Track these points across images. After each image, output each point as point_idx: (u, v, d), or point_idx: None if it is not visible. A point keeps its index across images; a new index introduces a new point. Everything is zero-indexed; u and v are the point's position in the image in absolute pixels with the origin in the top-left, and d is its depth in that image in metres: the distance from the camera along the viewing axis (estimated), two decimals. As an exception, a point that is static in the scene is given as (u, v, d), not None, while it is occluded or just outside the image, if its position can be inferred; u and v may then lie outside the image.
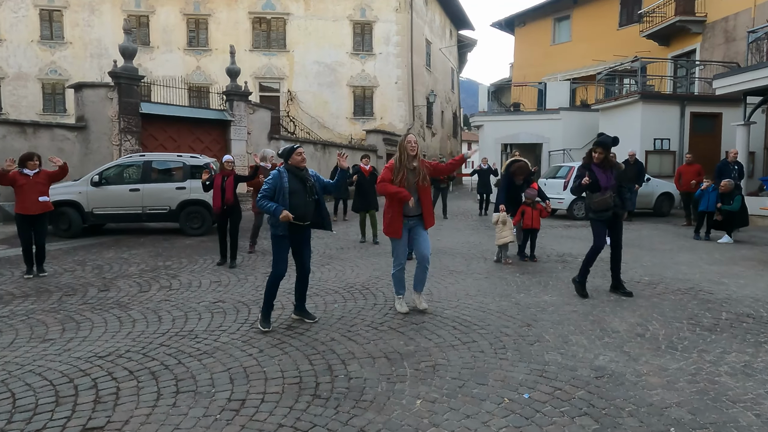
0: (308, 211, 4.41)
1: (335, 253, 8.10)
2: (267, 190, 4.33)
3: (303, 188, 4.35)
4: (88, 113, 12.33)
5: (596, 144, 5.43)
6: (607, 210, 5.33)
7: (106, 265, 7.21)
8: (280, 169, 4.43)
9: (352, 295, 5.57)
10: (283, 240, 4.42)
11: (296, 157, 4.41)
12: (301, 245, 4.56)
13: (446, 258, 7.66)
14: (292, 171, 4.39)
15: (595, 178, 5.34)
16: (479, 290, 5.71)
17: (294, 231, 4.43)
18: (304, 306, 4.76)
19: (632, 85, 19.50)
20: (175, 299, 5.43)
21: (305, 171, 4.46)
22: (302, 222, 4.42)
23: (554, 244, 8.88)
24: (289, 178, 4.36)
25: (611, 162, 5.41)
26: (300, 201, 4.32)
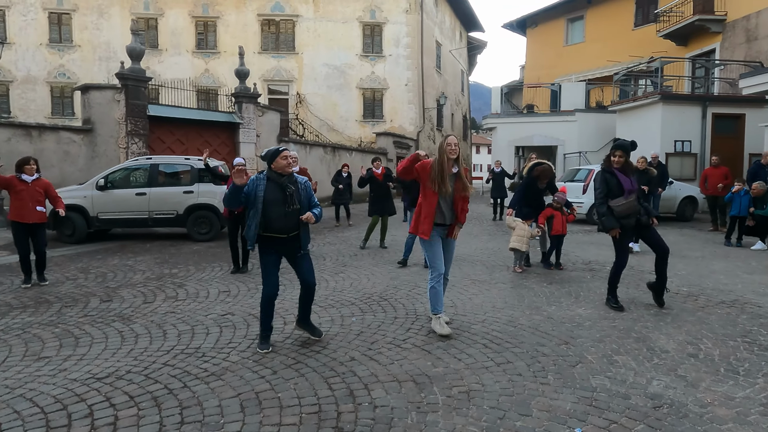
0: (290, 222, 3.89)
1: (348, 261, 7.73)
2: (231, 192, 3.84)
3: (281, 197, 3.84)
4: (95, 115, 12.08)
5: (615, 147, 5.07)
6: (630, 216, 4.98)
7: (110, 273, 6.88)
8: (258, 175, 3.95)
9: (370, 307, 5.20)
10: (266, 257, 3.95)
11: (281, 161, 3.87)
12: (294, 258, 4.06)
13: (466, 266, 7.26)
14: (273, 177, 3.89)
15: (617, 182, 4.99)
16: (506, 302, 5.32)
17: (279, 245, 3.95)
18: (308, 320, 4.31)
19: (648, 85, 19.06)
20: (181, 311, 5.08)
21: (288, 178, 3.93)
22: (283, 234, 3.91)
23: (577, 251, 8.46)
24: (267, 185, 3.87)
25: (631, 167, 5.11)
26: (277, 212, 3.83)
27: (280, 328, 4.52)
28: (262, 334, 4.04)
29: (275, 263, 4.00)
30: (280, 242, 3.94)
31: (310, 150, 17.83)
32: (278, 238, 3.91)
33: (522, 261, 6.94)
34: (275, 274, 4.01)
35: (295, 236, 3.97)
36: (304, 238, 4.04)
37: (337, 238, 10.16)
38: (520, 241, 6.74)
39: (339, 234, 10.87)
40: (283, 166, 3.91)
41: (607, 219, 5.02)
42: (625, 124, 16.01)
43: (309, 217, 3.89)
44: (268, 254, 3.96)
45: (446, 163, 4.22)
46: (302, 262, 4.08)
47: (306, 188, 4.08)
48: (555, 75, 24.11)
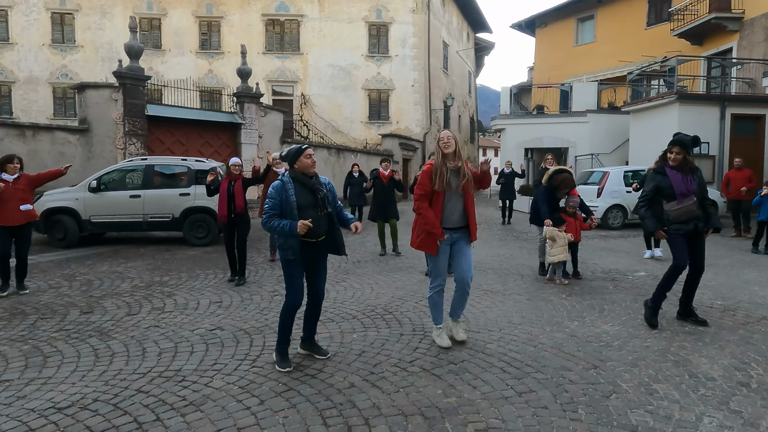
0: (321, 226, 3.61)
1: (351, 268, 7.27)
2: (273, 207, 3.51)
3: (314, 200, 3.55)
4: (91, 115, 11.70)
5: (673, 143, 4.51)
6: (688, 221, 4.43)
7: (96, 281, 6.45)
8: (283, 179, 3.58)
9: (373, 321, 4.72)
10: (294, 263, 3.59)
11: (305, 160, 3.56)
12: (315, 266, 3.76)
13: (477, 274, 6.76)
14: (299, 179, 3.57)
15: (669, 183, 4.44)
16: (523, 316, 4.83)
17: (306, 250, 3.62)
18: (314, 339, 3.95)
19: (661, 86, 18.50)
20: (167, 325, 4.63)
21: (315, 178, 3.64)
22: (316, 239, 3.62)
23: (595, 259, 7.95)
24: (296, 188, 3.55)
25: (691, 165, 4.49)
26: (311, 217, 3.50)
27: (272, 345, 4.06)
28: (280, 349, 3.68)
29: (302, 272, 3.68)
30: (309, 248, 3.64)
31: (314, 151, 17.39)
32: (310, 243, 3.63)
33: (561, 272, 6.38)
34: (302, 285, 3.67)
35: (321, 242, 3.69)
36: (340, 241, 3.77)
37: (340, 243, 9.69)
38: (564, 251, 6.23)
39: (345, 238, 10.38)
40: (308, 166, 3.58)
41: (649, 220, 4.55)
42: (640, 126, 15.47)
43: (359, 227, 3.67)
44: (296, 262, 3.60)
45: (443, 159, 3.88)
46: (321, 270, 3.81)
47: (331, 190, 3.76)
48: (565, 76, 23.57)
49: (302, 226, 3.38)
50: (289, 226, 3.43)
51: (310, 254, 3.67)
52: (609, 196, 11.77)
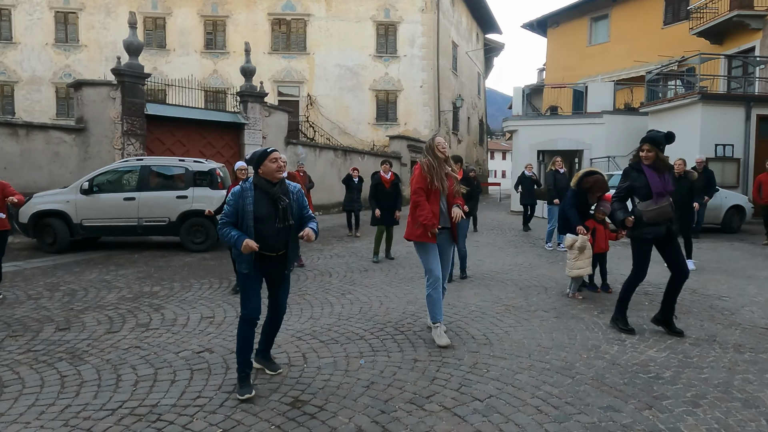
0: (279, 240, 3.29)
1: (358, 278, 6.70)
2: (228, 215, 3.24)
3: (274, 211, 3.22)
4: (88, 114, 11.23)
5: (643, 140, 4.22)
6: (660, 223, 4.13)
7: (80, 291, 5.93)
8: (244, 184, 3.26)
9: (383, 343, 4.16)
10: (249, 277, 3.31)
11: (270, 164, 3.22)
12: (275, 280, 3.46)
13: (497, 287, 6.19)
14: (262, 186, 3.23)
15: (645, 182, 4.12)
16: (554, 339, 4.24)
17: (263, 264, 3.32)
18: (268, 353, 3.64)
19: (679, 86, 17.84)
20: (149, 346, 4.09)
21: (280, 185, 3.28)
22: (273, 253, 3.30)
23: (622, 269, 7.32)
24: (256, 196, 3.23)
25: (665, 163, 4.20)
26: (269, 229, 3.22)
27: (267, 376, 3.50)
28: (240, 372, 3.27)
29: (258, 285, 3.38)
30: (268, 262, 3.33)
31: (319, 153, 16.88)
32: (267, 257, 3.30)
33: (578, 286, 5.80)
34: (258, 297, 3.35)
35: (283, 255, 3.37)
36: (292, 256, 3.43)
37: (346, 250, 9.15)
38: (589, 264, 5.65)
39: (348, 245, 9.86)
40: (273, 171, 3.25)
41: (620, 211, 4.28)
42: (659, 126, 14.73)
43: (309, 236, 3.26)
44: (251, 276, 3.31)
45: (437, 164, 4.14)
46: (283, 283, 3.49)
47: (299, 198, 3.42)
48: (578, 76, 22.94)
49: (247, 247, 3.10)
50: (236, 239, 3.15)
51: (268, 269, 3.36)
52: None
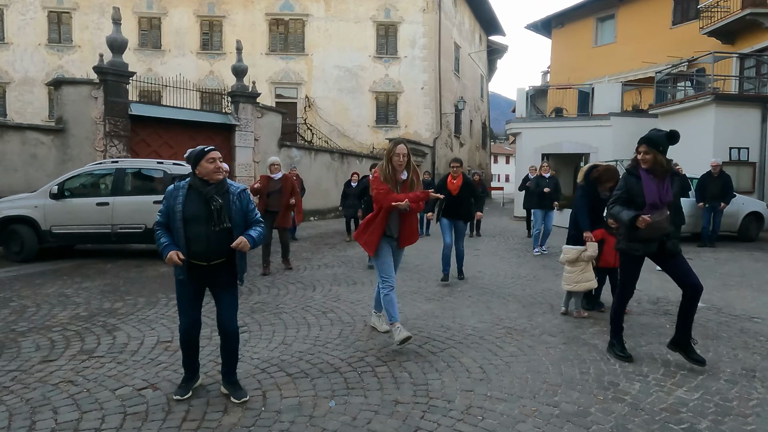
0: (213, 246, 3.00)
1: (344, 293, 6.06)
2: (161, 213, 3.05)
3: (205, 213, 2.97)
4: (68, 114, 10.66)
5: (640, 141, 3.65)
6: (652, 240, 3.57)
7: (32, 307, 5.32)
8: (177, 184, 3.06)
9: (360, 377, 3.52)
10: (182, 284, 3.07)
11: (207, 164, 3.00)
12: (216, 292, 3.14)
13: (497, 304, 5.54)
14: (197, 186, 3.01)
15: (640, 190, 3.60)
16: (563, 373, 3.59)
17: (196, 274, 3.04)
18: (232, 378, 3.22)
19: (688, 87, 17.19)
20: (85, 380, 3.46)
21: (216, 187, 3.02)
22: (204, 261, 3.01)
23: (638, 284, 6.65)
24: (188, 197, 3.01)
25: (664, 167, 3.61)
26: (199, 232, 2.97)
27: (219, 417, 2.87)
28: (185, 373, 3.26)
29: (194, 296, 3.13)
30: (200, 271, 3.05)
31: (315, 156, 16.27)
32: (196, 265, 3.02)
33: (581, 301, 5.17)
34: (195, 308, 3.14)
35: (221, 264, 3.08)
36: (240, 267, 3.15)
37: (337, 259, 8.52)
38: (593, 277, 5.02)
39: (340, 253, 9.23)
40: (210, 172, 3.02)
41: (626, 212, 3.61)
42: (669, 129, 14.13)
43: (241, 245, 2.98)
44: (187, 284, 3.07)
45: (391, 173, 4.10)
46: (224, 297, 3.15)
47: (241, 199, 3.14)
48: (583, 78, 22.28)
49: (170, 259, 2.88)
50: (163, 248, 2.95)
51: (202, 279, 3.08)
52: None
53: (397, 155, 4.05)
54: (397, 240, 4.23)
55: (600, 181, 5.05)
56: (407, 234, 4.26)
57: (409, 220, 4.23)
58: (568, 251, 5.06)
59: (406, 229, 4.24)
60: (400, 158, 4.05)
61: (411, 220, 4.24)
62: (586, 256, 4.96)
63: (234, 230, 3.02)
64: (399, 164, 4.07)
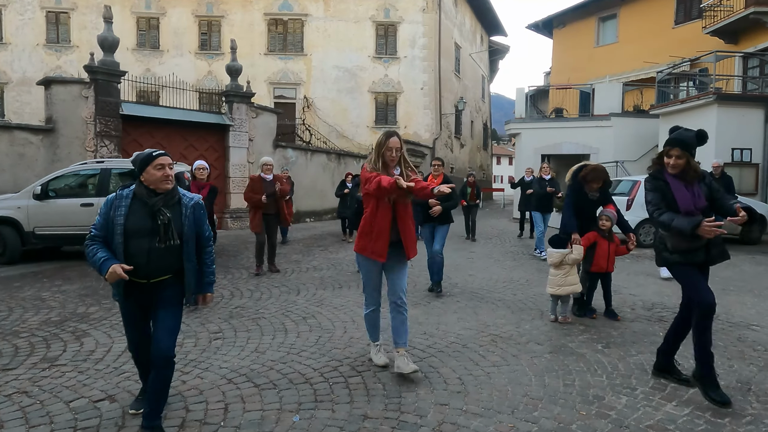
0: (153, 263, 2.63)
1: (328, 297, 5.87)
2: (97, 227, 2.67)
3: (150, 226, 2.62)
4: (58, 113, 10.53)
5: (670, 143, 3.16)
6: (695, 250, 3.18)
7: (4, 312, 5.15)
8: (120, 192, 2.70)
9: (331, 388, 3.33)
10: (123, 305, 2.77)
11: (154, 171, 2.64)
12: (153, 313, 2.75)
13: (485, 310, 5.34)
14: (142, 196, 2.65)
15: (671, 197, 3.14)
16: (546, 385, 3.39)
17: (136, 293, 2.68)
18: (155, 422, 2.66)
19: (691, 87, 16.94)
20: (41, 390, 3.29)
21: (164, 198, 2.67)
22: (144, 279, 2.65)
23: (631, 287, 6.46)
24: (132, 207, 2.65)
25: (696, 171, 3.16)
26: (140, 247, 2.61)
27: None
28: (142, 387, 3.02)
29: (134, 315, 2.79)
30: (138, 290, 2.69)
31: (311, 157, 16.10)
32: (135, 283, 2.66)
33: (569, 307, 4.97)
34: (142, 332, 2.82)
35: (164, 282, 2.71)
36: (189, 284, 2.76)
37: (327, 261, 8.33)
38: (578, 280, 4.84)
39: (331, 255, 9.04)
40: (158, 180, 2.66)
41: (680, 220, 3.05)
42: (671, 130, 13.90)
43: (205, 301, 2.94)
44: (128, 305, 2.76)
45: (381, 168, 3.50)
46: (163, 318, 2.70)
47: (194, 212, 2.77)
48: (585, 78, 22.03)
49: (113, 274, 2.50)
50: (101, 263, 2.55)
51: (143, 298, 2.71)
52: (641, 209, 10.19)
53: (390, 149, 3.43)
54: (396, 246, 3.53)
55: (587, 180, 4.86)
56: (411, 240, 3.56)
57: (410, 225, 3.58)
58: (551, 254, 4.86)
59: (408, 234, 3.53)
60: (392, 153, 3.44)
61: (410, 224, 3.60)
62: (571, 260, 4.76)
63: (184, 246, 2.68)
64: (391, 159, 3.46)
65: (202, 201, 2.88)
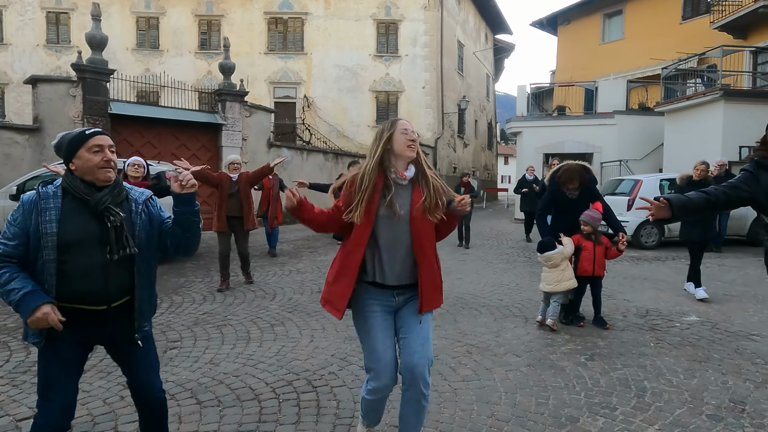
0: (113, 281, 1.97)
1: (303, 302, 5.58)
2: (8, 238, 1.91)
3: (98, 233, 1.93)
4: (44, 113, 10.36)
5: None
6: None
7: (-40, 317, 4.93)
8: (42, 189, 1.96)
9: (280, 406, 3.03)
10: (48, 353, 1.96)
11: (90, 156, 1.94)
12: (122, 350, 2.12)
13: (466, 317, 5.03)
14: (77, 190, 1.94)
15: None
16: (516, 404, 3.07)
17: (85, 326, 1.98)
18: None
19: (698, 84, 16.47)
20: (-37, 407, 3.03)
21: (110, 192, 1.98)
22: (100, 305, 1.97)
23: (627, 292, 6.11)
24: (65, 207, 1.93)
25: None
26: (91, 264, 1.92)
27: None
28: None
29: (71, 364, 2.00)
30: (90, 321, 1.98)
31: (307, 156, 15.83)
32: (87, 312, 1.96)
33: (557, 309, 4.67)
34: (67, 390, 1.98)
35: (124, 306, 2.03)
36: (142, 311, 2.08)
37: (313, 264, 8.05)
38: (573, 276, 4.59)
39: (319, 257, 8.75)
40: (94, 168, 1.95)
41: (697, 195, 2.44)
42: (676, 128, 13.51)
43: None
44: (59, 347, 1.96)
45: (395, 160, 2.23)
46: (137, 356, 2.11)
47: (149, 210, 2.10)
48: (590, 76, 21.58)
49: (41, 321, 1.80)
50: (18, 299, 1.82)
51: (99, 334, 2.04)
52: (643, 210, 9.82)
53: (405, 131, 2.21)
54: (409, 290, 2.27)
55: (561, 181, 4.59)
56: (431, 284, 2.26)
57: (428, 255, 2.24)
58: (550, 258, 4.55)
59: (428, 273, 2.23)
60: (407, 136, 2.20)
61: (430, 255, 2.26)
62: (567, 253, 4.52)
63: (137, 257, 2.01)
64: (410, 147, 2.20)
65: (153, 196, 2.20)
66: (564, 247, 4.55)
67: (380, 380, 2.19)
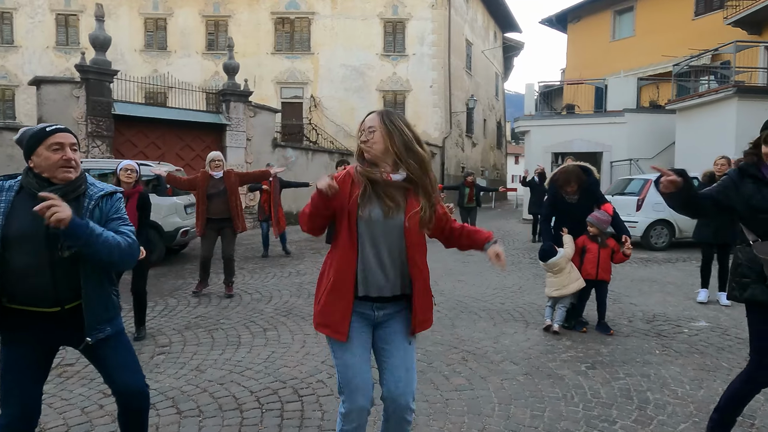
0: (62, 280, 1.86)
1: (299, 305, 5.46)
2: None
3: (45, 230, 1.79)
4: (48, 114, 10.37)
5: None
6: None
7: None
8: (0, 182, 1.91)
9: (261, 416, 2.91)
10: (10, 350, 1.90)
11: (48, 153, 1.86)
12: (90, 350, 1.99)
13: (465, 321, 4.87)
14: (30, 187, 1.87)
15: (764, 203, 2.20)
16: (510, 417, 2.91)
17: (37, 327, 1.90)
18: None
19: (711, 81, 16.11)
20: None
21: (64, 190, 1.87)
22: (48, 307, 1.88)
23: (633, 295, 5.91)
24: (16, 203, 1.86)
25: None
26: (35, 260, 1.83)
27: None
28: None
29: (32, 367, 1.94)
30: (45, 324, 1.91)
31: (312, 156, 15.74)
32: (40, 314, 1.89)
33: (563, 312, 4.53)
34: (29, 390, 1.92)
35: (77, 309, 1.92)
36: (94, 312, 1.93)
37: (314, 266, 7.94)
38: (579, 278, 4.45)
39: (321, 258, 8.59)
40: (53, 166, 1.88)
41: None
42: (688, 126, 13.21)
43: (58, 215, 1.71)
44: (18, 351, 1.91)
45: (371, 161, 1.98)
46: (109, 354, 2.01)
47: (103, 208, 1.98)
48: (600, 74, 21.23)
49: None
50: None
51: (54, 337, 1.95)
52: (652, 210, 9.61)
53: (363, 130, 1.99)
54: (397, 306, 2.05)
55: (558, 184, 4.42)
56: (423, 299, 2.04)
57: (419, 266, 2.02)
58: (555, 264, 4.41)
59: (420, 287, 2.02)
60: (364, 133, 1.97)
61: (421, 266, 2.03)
62: (569, 253, 4.39)
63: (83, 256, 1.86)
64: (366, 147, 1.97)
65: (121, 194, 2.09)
66: (565, 248, 4.41)
67: (355, 401, 1.95)
